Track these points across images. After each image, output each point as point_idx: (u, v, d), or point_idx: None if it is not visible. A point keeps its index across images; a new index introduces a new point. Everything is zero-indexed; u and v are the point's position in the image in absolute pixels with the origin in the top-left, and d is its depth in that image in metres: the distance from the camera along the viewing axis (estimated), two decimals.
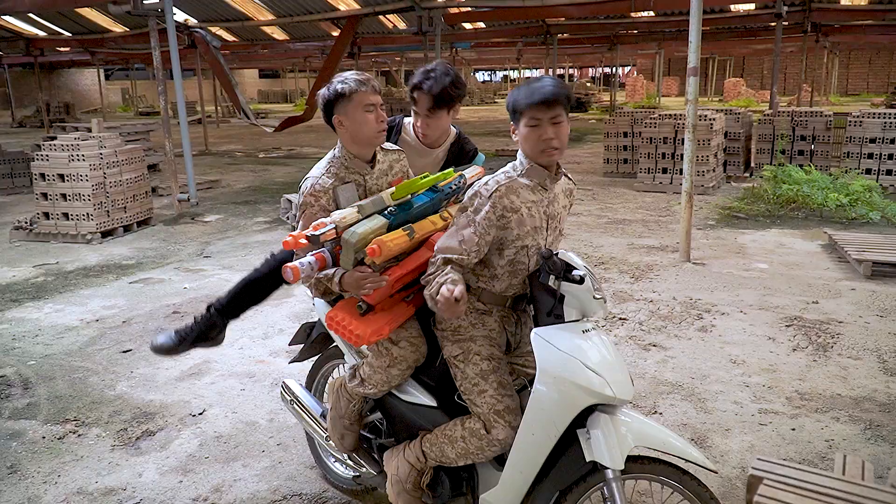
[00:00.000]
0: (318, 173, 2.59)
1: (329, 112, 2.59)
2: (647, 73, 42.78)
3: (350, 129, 2.57)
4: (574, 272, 2.27)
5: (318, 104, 2.62)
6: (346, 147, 2.63)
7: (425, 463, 2.57)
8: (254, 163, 15.75)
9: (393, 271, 2.44)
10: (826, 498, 1.74)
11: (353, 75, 2.59)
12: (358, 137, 2.58)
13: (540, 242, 2.45)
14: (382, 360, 2.58)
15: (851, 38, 25.86)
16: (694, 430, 3.65)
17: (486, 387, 2.42)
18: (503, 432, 2.38)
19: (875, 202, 8.58)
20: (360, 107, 2.54)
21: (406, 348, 2.56)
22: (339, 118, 2.56)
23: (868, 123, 10.39)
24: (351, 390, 2.71)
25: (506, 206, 2.36)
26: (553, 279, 2.28)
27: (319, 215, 2.48)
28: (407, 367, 2.59)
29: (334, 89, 2.55)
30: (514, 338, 2.62)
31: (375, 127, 2.57)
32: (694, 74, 6.43)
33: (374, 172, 2.67)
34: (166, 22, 9.50)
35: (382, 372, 2.59)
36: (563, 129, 2.34)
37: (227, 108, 30.74)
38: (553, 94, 2.27)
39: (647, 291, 5.87)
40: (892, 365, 4.39)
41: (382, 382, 2.61)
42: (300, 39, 22.84)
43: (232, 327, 5.22)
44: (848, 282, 6.03)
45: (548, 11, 16.41)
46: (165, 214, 9.71)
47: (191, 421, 3.89)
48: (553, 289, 2.29)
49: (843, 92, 39.04)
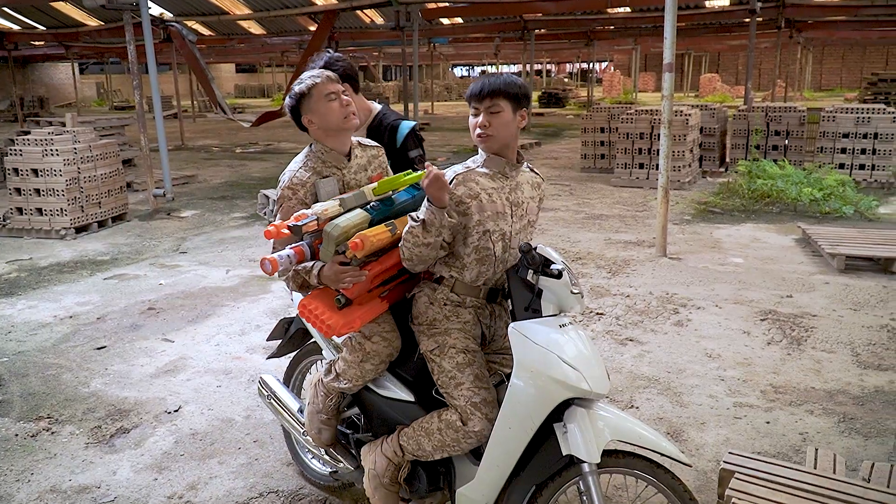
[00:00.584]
0: (295, 167, 2.59)
1: (298, 116, 2.59)
2: (623, 68, 43.02)
3: (319, 123, 2.57)
4: (552, 266, 2.28)
5: (287, 115, 2.64)
6: (321, 142, 2.62)
7: (402, 457, 2.57)
8: (230, 158, 15.61)
9: (372, 267, 2.44)
10: (797, 491, 1.76)
11: (307, 74, 2.61)
12: (328, 128, 2.58)
13: (504, 228, 2.49)
14: (356, 354, 2.59)
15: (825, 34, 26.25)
16: (670, 424, 3.68)
17: (463, 379, 2.43)
18: (479, 424, 2.39)
19: (848, 196, 8.71)
20: (321, 98, 2.55)
21: (379, 343, 2.57)
22: (308, 117, 2.56)
23: (841, 118, 10.54)
24: (327, 385, 2.71)
25: (463, 193, 2.43)
26: (531, 273, 2.29)
27: (297, 208, 2.48)
28: (380, 362, 2.60)
29: (294, 93, 2.57)
30: (490, 330, 2.63)
31: (340, 112, 2.57)
32: (669, 70, 6.47)
33: (351, 166, 2.66)
34: (141, 16, 9.37)
35: (356, 367, 2.59)
36: (501, 118, 2.42)
37: (203, 103, 30.42)
38: (486, 87, 2.42)
39: (624, 286, 5.91)
40: (865, 358, 4.46)
41: (357, 377, 2.62)
42: (277, 34, 22.69)
43: (208, 324, 5.22)
44: (821, 276, 6.12)
45: (525, 7, 16.45)
46: (141, 210, 9.59)
47: (166, 418, 3.85)
48: (531, 283, 2.30)
49: (816, 87, 39.55)
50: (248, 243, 7.69)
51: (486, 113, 2.42)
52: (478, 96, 2.42)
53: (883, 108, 10.53)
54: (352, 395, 2.79)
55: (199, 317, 5.39)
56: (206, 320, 5.32)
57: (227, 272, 6.58)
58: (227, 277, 6.41)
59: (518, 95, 2.43)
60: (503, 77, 2.46)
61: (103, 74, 38.51)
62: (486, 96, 2.41)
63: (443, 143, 16.47)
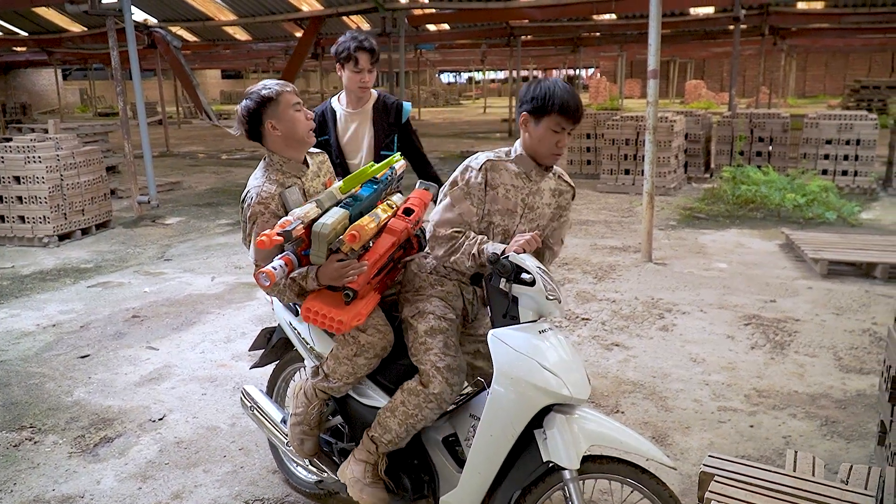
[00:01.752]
0: (259, 182, 2.58)
1: (256, 121, 2.56)
2: (609, 75, 43.26)
3: (284, 131, 2.57)
4: (524, 275, 2.28)
5: (238, 116, 2.60)
6: (278, 153, 2.62)
7: (376, 451, 2.58)
8: (216, 164, 15.55)
9: (369, 256, 2.48)
10: (776, 493, 1.78)
11: (269, 81, 2.60)
12: (292, 138, 2.59)
13: (509, 226, 2.55)
14: (349, 348, 2.57)
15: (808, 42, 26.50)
16: (655, 429, 3.70)
17: (432, 344, 2.47)
18: (439, 387, 2.41)
19: (831, 202, 8.79)
20: (289, 107, 2.56)
21: (374, 335, 2.57)
22: (271, 122, 2.55)
23: (824, 125, 10.65)
24: (315, 386, 2.69)
25: (489, 179, 2.52)
26: (504, 282, 2.29)
27: (272, 222, 2.47)
28: (374, 356, 2.59)
29: (259, 95, 2.54)
30: (472, 307, 2.69)
31: (307, 124, 2.60)
32: (654, 77, 6.52)
33: (308, 174, 2.69)
34: (125, 21, 9.32)
35: (349, 362, 2.58)
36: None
37: (188, 109, 30.29)
38: (581, 114, 2.48)
39: (610, 291, 5.93)
40: (847, 362, 4.50)
41: (348, 374, 2.60)
42: (263, 40, 22.63)
43: (193, 332, 5.19)
44: (805, 280, 6.18)
45: (511, 13, 16.51)
46: (125, 217, 9.53)
47: (150, 427, 3.82)
48: (505, 291, 2.30)
49: (800, 94, 39.94)
50: (233, 250, 7.66)
51: (567, 134, 2.47)
52: (575, 119, 2.44)
53: (865, 114, 10.65)
54: (335, 403, 2.79)
55: (184, 324, 5.36)
56: (191, 328, 5.29)
57: (213, 279, 6.55)
58: (213, 284, 6.38)
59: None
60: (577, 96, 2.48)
61: (87, 80, 38.27)
62: (579, 120, 2.46)
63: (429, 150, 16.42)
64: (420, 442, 2.61)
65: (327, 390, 2.67)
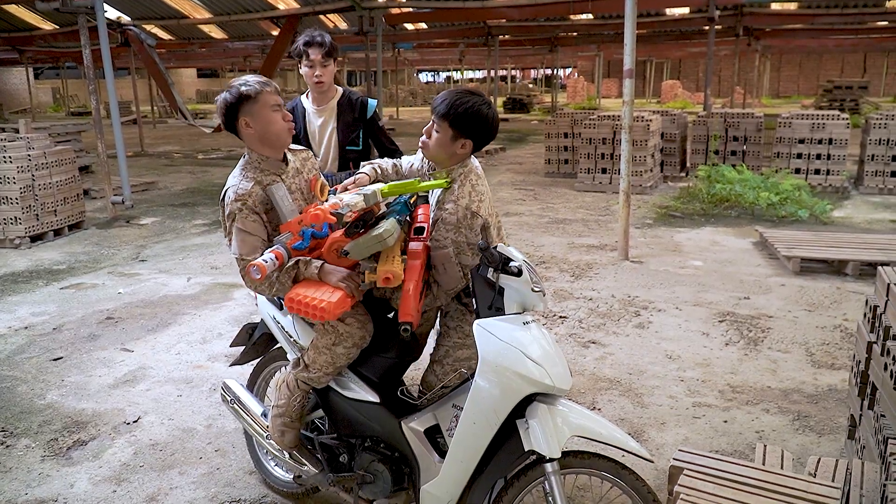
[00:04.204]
0: (236, 181, 2.57)
1: (232, 116, 2.55)
2: (587, 74, 43.52)
3: (258, 131, 2.56)
4: (511, 264, 2.32)
5: (217, 107, 2.59)
6: (255, 150, 2.62)
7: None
8: (192, 164, 15.40)
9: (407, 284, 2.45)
10: (744, 486, 1.81)
11: (253, 77, 2.58)
12: (267, 138, 2.58)
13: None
14: (328, 337, 2.58)
15: (782, 42, 26.89)
16: (631, 425, 3.73)
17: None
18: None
19: (804, 200, 8.93)
20: (266, 107, 2.55)
21: (352, 325, 2.57)
22: (245, 120, 2.55)
23: (797, 125, 10.81)
24: (297, 377, 2.68)
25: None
26: (491, 271, 2.32)
27: (251, 217, 2.48)
28: (353, 345, 2.59)
29: (237, 92, 2.52)
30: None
31: (284, 126, 2.59)
32: (629, 76, 6.57)
33: (288, 171, 2.68)
34: (97, 19, 9.20)
35: (328, 352, 2.58)
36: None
37: (163, 109, 29.97)
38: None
39: (587, 290, 5.97)
40: (819, 357, 4.57)
41: (328, 364, 2.60)
42: (239, 38, 22.49)
43: (168, 333, 5.14)
44: (778, 278, 6.26)
45: (488, 13, 16.55)
46: (98, 218, 9.40)
47: (125, 429, 3.78)
48: (492, 281, 2.33)
49: (774, 94, 40.48)
50: (210, 250, 7.59)
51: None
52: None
53: (837, 114, 10.82)
54: (317, 396, 2.78)
55: (160, 326, 5.31)
56: (166, 329, 5.24)
57: (189, 280, 6.49)
58: (189, 285, 6.33)
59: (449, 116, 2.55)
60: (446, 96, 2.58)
61: (59, 79, 37.71)
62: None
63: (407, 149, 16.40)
64: (401, 433, 2.61)
65: (308, 381, 2.67)
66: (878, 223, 8.48)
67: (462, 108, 2.48)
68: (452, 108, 2.48)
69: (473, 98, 2.50)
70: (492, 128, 2.57)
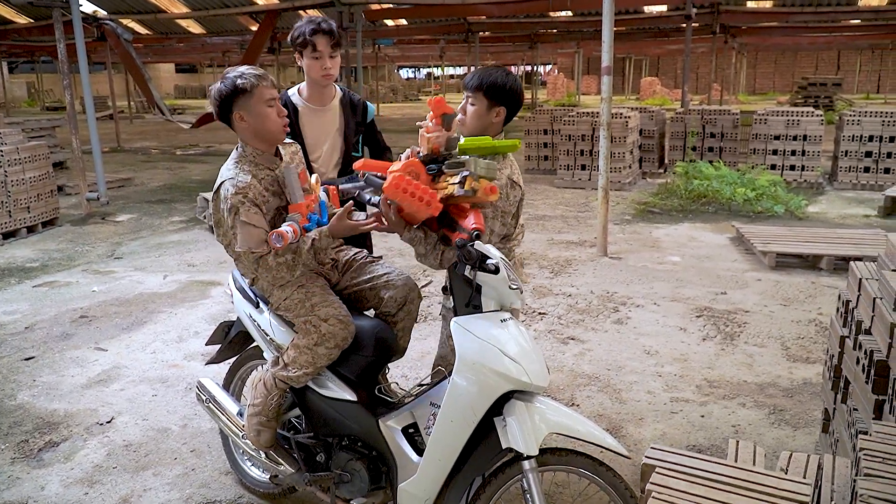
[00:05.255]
0: (232, 174, 2.54)
1: (226, 108, 2.52)
2: (567, 71, 43.66)
3: (253, 125, 2.54)
4: (488, 261, 2.31)
5: (211, 97, 2.56)
6: (249, 144, 2.59)
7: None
8: (170, 160, 15.24)
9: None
10: (716, 483, 1.81)
11: (249, 70, 2.54)
12: (262, 133, 2.56)
13: None
14: (310, 337, 2.55)
15: (758, 40, 27.16)
16: (609, 421, 3.74)
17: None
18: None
19: (779, 196, 9.02)
20: (261, 101, 2.52)
21: (335, 325, 2.55)
22: (240, 114, 2.52)
23: (772, 121, 10.91)
24: (275, 376, 2.65)
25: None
26: (469, 269, 2.32)
27: (253, 209, 2.48)
28: (334, 346, 2.57)
29: (232, 84, 2.49)
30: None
31: (279, 122, 2.57)
32: (607, 73, 6.59)
33: (281, 165, 2.66)
34: (72, 13, 9.06)
35: (309, 352, 2.56)
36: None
37: (140, 104, 29.64)
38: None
39: (566, 286, 5.99)
40: (794, 351, 4.62)
41: (308, 364, 2.58)
42: (217, 33, 22.26)
43: (144, 331, 5.07)
44: (754, 273, 6.32)
45: (468, 9, 16.54)
46: (73, 214, 9.27)
47: (98, 430, 3.72)
48: (470, 279, 2.33)
49: (751, 91, 40.89)
50: (186, 247, 7.51)
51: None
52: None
53: (811, 111, 10.94)
54: (294, 395, 2.75)
55: (135, 324, 5.24)
56: (141, 327, 5.17)
57: (165, 277, 6.41)
58: (165, 283, 6.25)
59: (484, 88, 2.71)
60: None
61: (34, 74, 37.14)
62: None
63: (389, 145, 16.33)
64: (378, 432, 2.59)
65: (287, 380, 2.64)
66: (852, 218, 8.59)
67: (492, 78, 2.67)
68: (484, 79, 2.67)
69: (499, 70, 2.73)
70: (520, 94, 2.73)
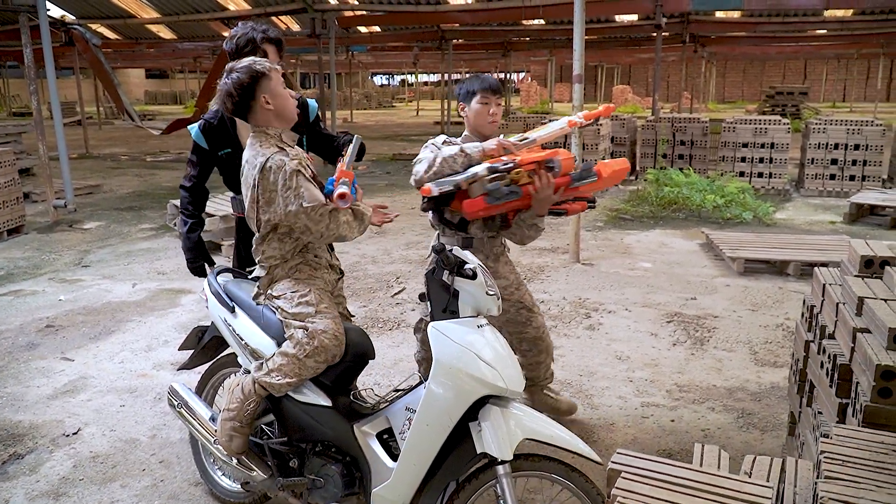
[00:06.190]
0: (269, 152, 2.55)
1: (248, 95, 2.57)
2: (540, 79, 43.98)
3: (277, 106, 2.62)
4: (466, 267, 2.34)
5: (227, 90, 2.58)
6: (270, 126, 2.65)
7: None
8: (139, 167, 15.05)
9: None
10: (680, 488, 1.84)
11: (251, 58, 2.64)
12: (283, 113, 2.65)
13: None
14: (301, 349, 2.53)
15: (727, 49, 27.63)
16: (581, 426, 3.76)
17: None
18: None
19: (748, 203, 9.17)
20: (279, 84, 2.63)
21: (330, 340, 2.54)
22: (265, 97, 2.59)
23: (741, 129, 11.10)
24: (257, 381, 2.62)
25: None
26: (447, 274, 2.34)
27: (309, 174, 2.58)
28: (323, 360, 2.56)
29: (254, 70, 2.57)
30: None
31: (293, 101, 2.69)
32: (578, 82, 6.66)
33: (294, 147, 2.73)
34: (39, 18, 8.92)
35: (298, 362, 2.54)
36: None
37: (110, 109, 29.22)
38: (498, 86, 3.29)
39: (539, 292, 6.02)
40: (762, 356, 4.69)
41: (294, 374, 2.55)
42: (189, 39, 22.06)
43: (112, 341, 5.00)
44: (723, 278, 6.41)
45: (441, 17, 16.59)
46: (39, 222, 9.11)
47: (64, 441, 3.65)
48: (447, 284, 2.35)
49: (720, 99, 41.52)
50: (156, 255, 7.42)
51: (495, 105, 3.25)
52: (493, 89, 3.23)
53: (778, 119, 11.15)
54: (267, 401, 2.73)
55: (102, 333, 5.16)
56: (109, 337, 5.09)
57: (134, 286, 6.32)
58: (134, 291, 6.17)
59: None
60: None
61: (0, 79, 36.48)
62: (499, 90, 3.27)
63: None
64: (353, 437, 2.59)
65: (268, 387, 2.61)
66: (818, 224, 8.76)
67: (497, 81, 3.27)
68: (496, 83, 3.25)
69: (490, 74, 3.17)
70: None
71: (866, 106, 32.89)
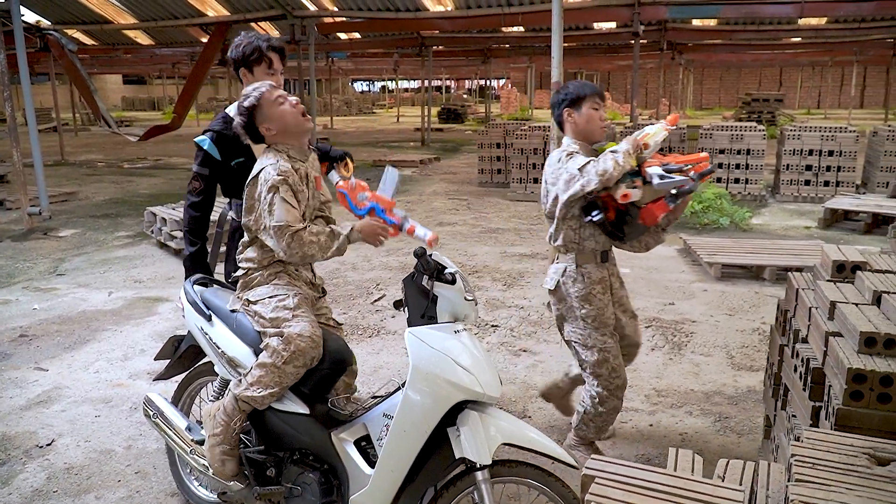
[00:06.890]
0: (272, 161, 2.61)
1: (253, 129, 2.67)
2: (520, 85, 44.20)
3: (277, 127, 2.65)
4: (446, 271, 2.37)
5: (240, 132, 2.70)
6: (280, 144, 2.69)
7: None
8: (116, 174, 14.90)
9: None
10: (654, 493, 1.86)
11: (250, 87, 2.70)
12: (286, 129, 2.67)
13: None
14: (278, 357, 2.52)
15: (704, 56, 27.94)
16: (561, 432, 3.77)
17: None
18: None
19: (724, 209, 9.26)
20: (271, 105, 2.64)
21: (307, 343, 2.52)
22: (265, 126, 2.65)
23: (717, 136, 11.22)
24: (239, 397, 2.59)
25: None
26: (426, 279, 2.34)
27: (290, 192, 2.56)
28: (303, 364, 2.54)
29: (245, 108, 2.64)
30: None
31: (294, 111, 2.67)
32: (557, 89, 6.69)
33: (309, 160, 2.77)
34: (13, 23, 8.83)
35: (276, 370, 2.52)
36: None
37: (86, 116, 28.93)
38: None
39: (519, 298, 6.03)
40: (739, 360, 4.74)
41: (274, 383, 2.54)
42: (167, 45, 21.90)
43: (87, 350, 4.93)
44: (701, 283, 6.47)
45: (421, 24, 16.61)
46: (13, 230, 8.98)
47: (37, 453, 3.60)
48: (426, 289, 2.36)
49: (697, 106, 41.99)
50: (133, 263, 7.34)
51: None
52: (601, 94, 3.26)
53: (754, 126, 11.29)
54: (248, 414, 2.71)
55: (77, 343, 5.09)
56: (84, 346, 5.03)
57: (110, 294, 6.25)
58: (110, 300, 6.09)
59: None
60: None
61: None
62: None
63: None
64: (331, 445, 2.57)
65: (251, 401, 2.58)
66: (794, 230, 8.87)
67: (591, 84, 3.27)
68: (602, 88, 3.27)
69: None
70: None
71: (840, 113, 33.41)
